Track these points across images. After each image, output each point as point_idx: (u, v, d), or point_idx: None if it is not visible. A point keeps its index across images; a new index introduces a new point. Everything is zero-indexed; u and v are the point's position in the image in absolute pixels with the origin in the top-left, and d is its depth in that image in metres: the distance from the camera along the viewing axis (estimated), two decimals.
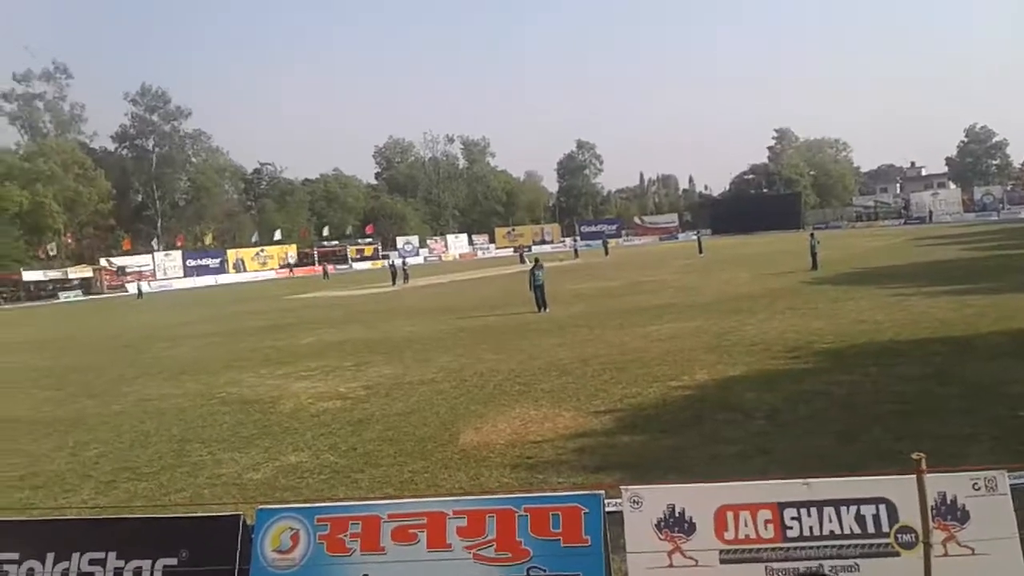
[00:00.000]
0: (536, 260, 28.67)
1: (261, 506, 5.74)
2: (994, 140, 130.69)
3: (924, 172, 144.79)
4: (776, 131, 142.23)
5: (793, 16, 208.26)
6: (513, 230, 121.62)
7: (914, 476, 4.59)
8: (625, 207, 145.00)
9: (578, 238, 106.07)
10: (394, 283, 52.96)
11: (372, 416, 12.34)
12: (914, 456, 4.61)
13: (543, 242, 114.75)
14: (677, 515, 4.98)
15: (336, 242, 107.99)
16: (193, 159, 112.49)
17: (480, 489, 8.05)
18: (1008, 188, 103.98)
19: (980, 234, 56.51)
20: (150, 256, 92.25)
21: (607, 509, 5.26)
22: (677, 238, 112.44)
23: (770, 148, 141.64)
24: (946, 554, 4.72)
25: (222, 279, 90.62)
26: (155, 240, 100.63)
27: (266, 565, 5.38)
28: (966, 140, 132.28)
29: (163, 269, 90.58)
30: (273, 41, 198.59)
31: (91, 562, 5.68)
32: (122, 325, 38.03)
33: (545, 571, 5.03)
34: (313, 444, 10.87)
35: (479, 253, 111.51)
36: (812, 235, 37.70)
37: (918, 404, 10.19)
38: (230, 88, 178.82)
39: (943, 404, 10.13)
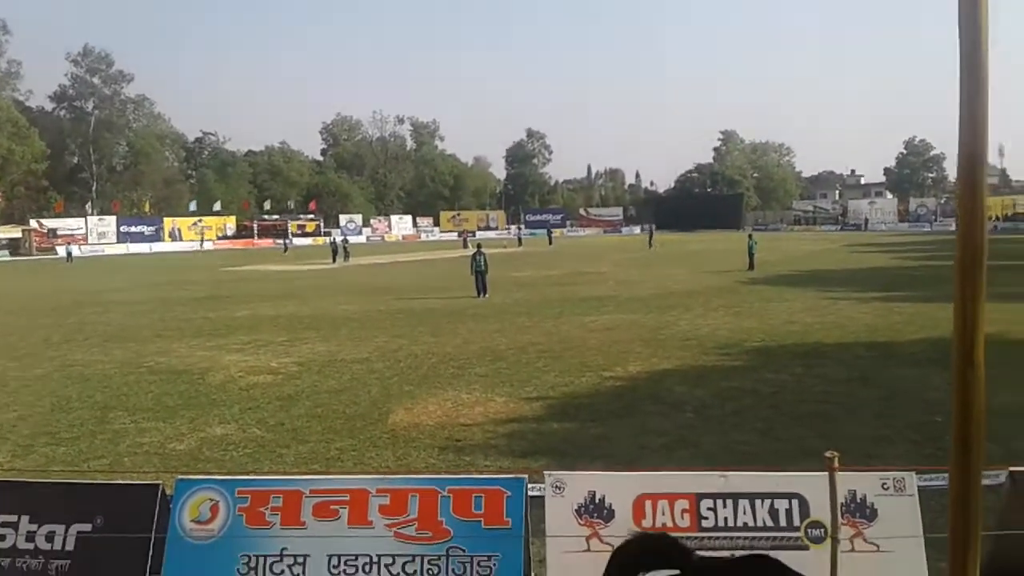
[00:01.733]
0: (478, 246, 28.69)
1: (181, 476, 5.66)
2: (931, 153, 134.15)
3: (863, 180, 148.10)
4: (722, 133, 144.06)
5: (744, 22, 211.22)
6: (458, 215, 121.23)
7: (826, 473, 4.73)
8: (571, 198, 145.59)
9: (523, 226, 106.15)
10: (334, 261, 52.45)
11: (302, 392, 12.24)
12: (827, 454, 4.75)
13: (488, 228, 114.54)
14: (597, 501, 5.06)
15: (277, 216, 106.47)
16: (133, 124, 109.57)
17: (406, 469, 8.06)
18: (942, 201, 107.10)
19: (912, 244, 58.15)
20: (83, 220, 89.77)
21: (530, 493, 5.31)
22: (621, 232, 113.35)
23: (715, 149, 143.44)
24: (853, 549, 4.87)
25: (157, 247, 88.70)
26: (89, 204, 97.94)
27: (183, 535, 5.32)
28: (905, 152, 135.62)
29: (96, 234, 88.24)
30: (223, 9, 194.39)
31: (3, 524, 5.56)
32: (50, 288, 36.99)
33: (465, 551, 5.06)
34: (240, 417, 10.74)
35: (423, 236, 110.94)
36: (750, 236, 38.34)
37: (840, 405, 10.48)
38: (176, 54, 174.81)
39: (864, 406, 10.42)
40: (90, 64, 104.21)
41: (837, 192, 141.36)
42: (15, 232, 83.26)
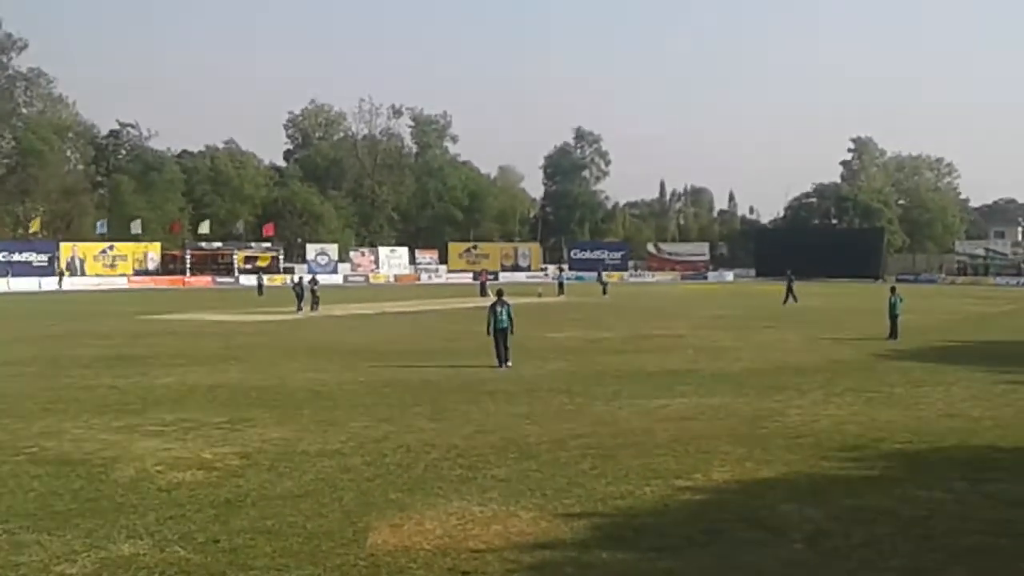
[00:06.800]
0: (499, 293, 28.72)
1: None
2: None
3: None
4: (853, 141, 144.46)
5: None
6: (475, 248, 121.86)
7: None
8: (637, 229, 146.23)
9: (566, 267, 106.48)
10: (299, 309, 52.79)
11: (247, 496, 12.27)
12: None
13: (516, 268, 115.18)
14: None
15: (219, 244, 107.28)
16: (24, 109, 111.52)
17: None
18: None
19: None
20: None
21: None
22: (706, 277, 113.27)
23: (845, 163, 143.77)
24: None
25: (48, 283, 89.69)
26: None
27: None
28: None
29: None
30: None
31: None
32: None
33: None
34: (157, 530, 10.76)
35: (424, 276, 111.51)
36: (894, 290, 38.12)
37: (1018, 539, 10.38)
38: (86, 17, 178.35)
39: None
40: None
41: (1020, 230, 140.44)
42: None
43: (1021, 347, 33.37)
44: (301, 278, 62.60)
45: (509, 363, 26.26)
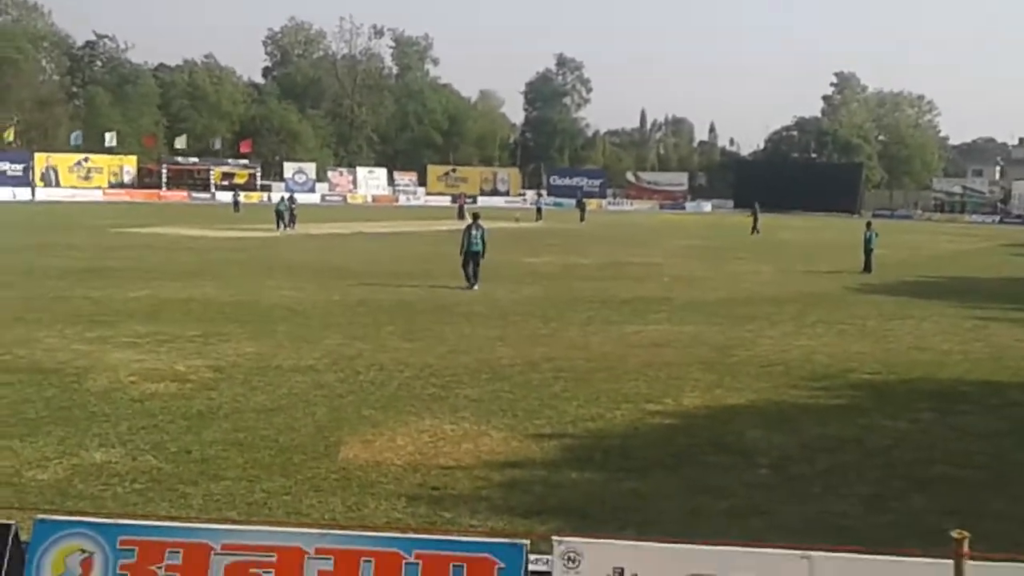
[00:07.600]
0: (475, 216, 28.68)
1: (43, 516, 5.72)
2: None
3: None
4: (836, 76, 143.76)
5: None
6: (454, 171, 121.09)
7: (951, 561, 4.75)
8: (616, 157, 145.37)
9: (544, 192, 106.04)
10: (278, 227, 52.64)
11: (219, 409, 12.34)
12: (955, 535, 4.77)
13: (495, 192, 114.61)
14: None
15: (196, 159, 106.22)
16: None
17: (359, 523, 8.12)
18: None
19: None
20: None
21: (532, 567, 5.34)
22: (684, 207, 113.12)
23: (826, 98, 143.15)
24: None
25: (23, 194, 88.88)
26: None
27: None
28: None
29: None
30: None
31: None
32: None
33: None
34: (130, 439, 10.83)
35: (402, 198, 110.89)
36: (869, 225, 38.29)
37: (982, 470, 10.51)
38: None
39: (1017, 474, 10.48)
40: None
41: (997, 169, 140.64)
42: None
43: (993, 284, 33.59)
44: (283, 197, 62.40)
45: (477, 285, 26.37)
